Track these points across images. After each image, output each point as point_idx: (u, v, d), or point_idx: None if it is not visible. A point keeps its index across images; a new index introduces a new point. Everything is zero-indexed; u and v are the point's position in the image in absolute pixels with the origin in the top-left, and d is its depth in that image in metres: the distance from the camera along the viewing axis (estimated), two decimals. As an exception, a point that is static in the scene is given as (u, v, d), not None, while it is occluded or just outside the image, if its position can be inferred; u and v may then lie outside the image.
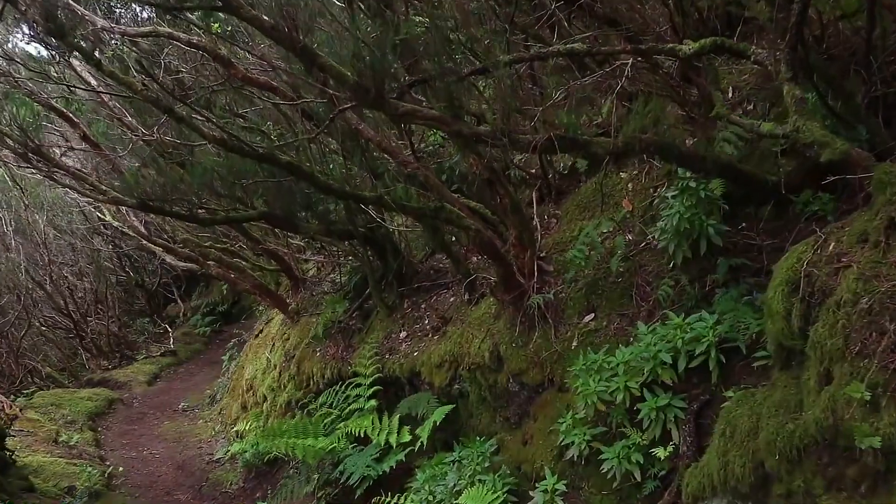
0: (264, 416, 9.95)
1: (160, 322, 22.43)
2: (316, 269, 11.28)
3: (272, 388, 10.07)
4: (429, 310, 8.01)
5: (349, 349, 8.73)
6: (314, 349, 9.26)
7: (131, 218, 11.98)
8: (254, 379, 11.00)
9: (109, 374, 17.27)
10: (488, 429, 6.24)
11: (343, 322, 9.12)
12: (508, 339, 5.80)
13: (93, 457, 11.26)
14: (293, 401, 9.24)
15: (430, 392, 6.93)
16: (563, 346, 5.39)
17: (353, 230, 8.22)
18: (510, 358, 5.73)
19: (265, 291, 10.41)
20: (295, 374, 9.42)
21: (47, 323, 17.23)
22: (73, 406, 13.74)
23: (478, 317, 6.43)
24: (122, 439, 12.94)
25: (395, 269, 8.45)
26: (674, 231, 4.88)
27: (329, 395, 8.12)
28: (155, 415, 14.69)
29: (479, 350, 6.06)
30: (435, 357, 6.75)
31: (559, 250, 6.10)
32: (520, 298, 5.74)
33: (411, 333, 7.86)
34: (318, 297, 10.29)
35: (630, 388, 4.48)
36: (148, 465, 11.51)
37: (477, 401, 6.36)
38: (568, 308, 5.60)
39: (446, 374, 6.61)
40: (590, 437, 4.67)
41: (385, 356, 7.77)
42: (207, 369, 17.27)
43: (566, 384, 5.25)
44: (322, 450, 7.05)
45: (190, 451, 11.93)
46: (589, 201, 6.52)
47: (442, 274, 8.50)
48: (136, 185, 7.32)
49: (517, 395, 5.76)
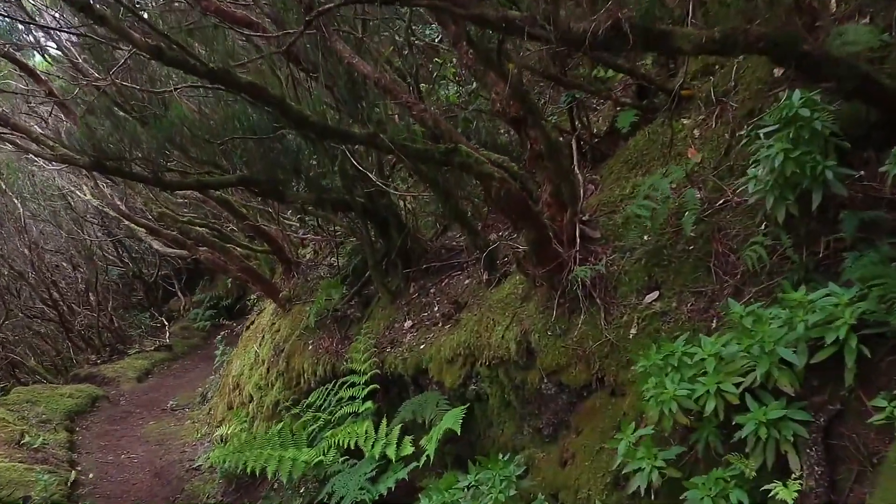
0: (249, 419, 8.62)
1: (158, 316, 21.26)
2: (313, 253, 9.94)
3: (259, 386, 8.74)
4: (439, 294, 6.66)
5: (345, 341, 7.39)
6: (306, 342, 7.93)
7: (109, 193, 10.68)
8: (240, 376, 9.68)
9: (97, 370, 16.08)
10: (513, 442, 4.87)
11: (339, 310, 7.78)
12: (542, 325, 4.43)
13: (61, 461, 9.98)
14: (281, 401, 7.90)
15: (439, 393, 5.58)
16: (618, 335, 4.01)
17: (349, 200, 6.88)
18: (544, 351, 4.35)
19: (253, 276, 9.07)
20: (284, 370, 8.08)
21: (31, 314, 15.98)
22: (51, 403, 12.50)
23: (500, 299, 5.06)
24: (100, 441, 11.69)
25: (400, 248, 7.09)
26: (775, 179, 3.51)
27: (319, 395, 6.78)
28: (140, 414, 13.46)
29: (502, 341, 4.70)
30: (446, 350, 5.40)
31: (607, 212, 4.72)
32: (557, 273, 4.37)
33: (418, 322, 6.50)
34: (314, 283, 8.95)
35: (725, 392, 3.09)
36: (123, 470, 10.23)
37: (499, 405, 4.99)
38: (622, 284, 4.22)
39: (460, 371, 5.24)
40: (663, 461, 3.28)
41: (385, 349, 6.42)
42: (203, 365, 16.00)
43: (623, 386, 3.88)
44: (306, 464, 5.70)
45: (171, 456, 10.65)
46: (641, 156, 5.13)
47: (455, 253, 7.14)
48: (89, 139, 6.03)
49: (553, 399, 4.39)
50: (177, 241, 10.80)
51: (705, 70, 5.27)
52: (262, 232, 9.01)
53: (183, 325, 20.81)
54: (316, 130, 3.97)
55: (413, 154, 4.08)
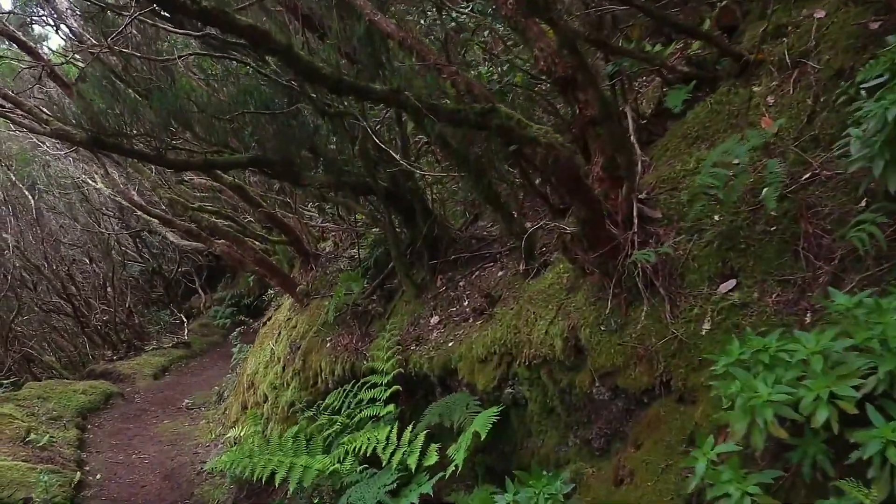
0: (263, 420, 8.05)
1: (177, 312, 20.87)
2: (333, 245, 9.36)
3: (274, 385, 8.17)
4: (468, 287, 6.05)
5: (366, 339, 6.79)
6: (323, 339, 7.34)
7: (122, 182, 10.18)
8: (255, 374, 9.12)
9: (113, 366, 15.67)
10: (556, 454, 4.24)
11: (360, 305, 7.19)
12: (594, 320, 3.79)
13: (68, 460, 9.50)
14: (296, 402, 7.32)
15: (469, 395, 4.96)
16: (687, 331, 3.37)
17: (371, 183, 6.28)
18: (596, 349, 3.72)
19: (269, 268, 8.50)
20: (300, 369, 7.51)
21: (46, 308, 15.57)
22: (63, 400, 12.06)
23: (541, 290, 4.43)
24: (111, 439, 11.21)
25: (426, 237, 6.48)
26: (886, 138, 2.88)
27: (337, 396, 6.19)
28: (155, 412, 12.99)
29: (545, 337, 4.07)
30: (478, 348, 4.78)
31: (667, 189, 4.07)
32: (611, 258, 3.73)
33: (445, 318, 5.90)
34: (333, 277, 8.38)
35: (840, 399, 2.45)
36: (133, 471, 9.73)
37: (539, 411, 4.36)
38: (690, 271, 3.57)
39: (494, 371, 4.62)
40: (756, 486, 2.64)
41: (410, 347, 5.82)
42: (222, 363, 15.53)
43: (694, 391, 3.24)
44: (320, 472, 5.11)
45: (183, 458, 10.13)
46: (703, 129, 4.47)
47: (485, 244, 6.53)
48: (85, 111, 5.49)
49: (606, 405, 3.75)
50: (191, 233, 10.29)
51: (776, 32, 4.62)
52: (279, 221, 8.44)
53: (202, 323, 20.40)
54: (329, 85, 3.37)
55: (444, 115, 3.46)
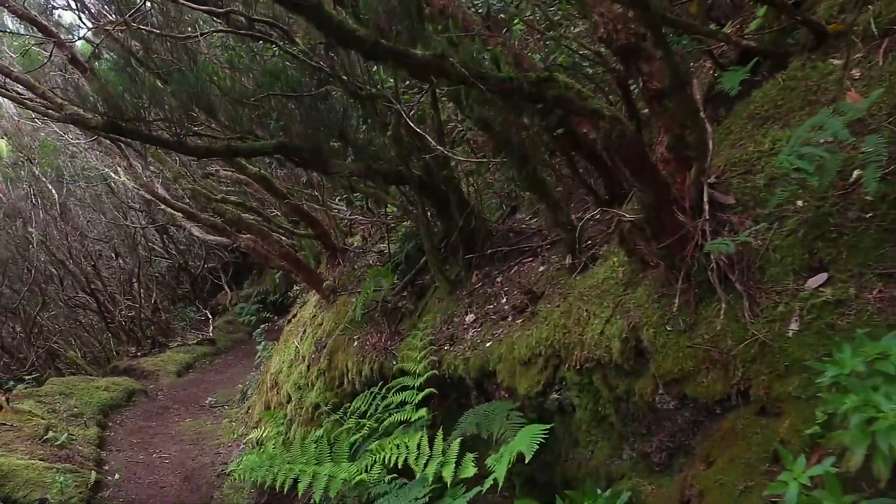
0: (287, 422, 7.68)
1: (202, 309, 20.65)
2: (361, 240, 8.98)
3: (298, 385, 7.80)
4: (507, 283, 5.62)
5: (395, 337, 6.40)
6: (350, 337, 6.95)
7: (146, 176, 9.89)
8: (279, 373, 8.76)
9: (136, 362, 15.46)
10: (608, 468, 3.80)
11: (389, 302, 6.79)
12: (658, 318, 3.34)
13: (87, 459, 9.21)
14: (321, 404, 6.94)
15: (510, 401, 4.53)
16: (771, 332, 2.91)
17: (404, 171, 5.88)
18: (661, 351, 3.27)
19: (294, 262, 8.13)
20: (325, 368, 7.12)
21: (70, 303, 15.37)
22: (85, 396, 11.82)
23: (594, 285, 3.99)
24: (132, 438, 10.94)
25: (462, 229, 6.07)
26: None
27: (364, 399, 5.79)
28: (178, 410, 12.71)
29: (600, 338, 3.62)
30: (521, 349, 4.34)
31: (739, 172, 3.61)
32: (678, 249, 3.28)
33: (482, 316, 5.47)
34: (361, 272, 7.99)
35: None
36: (153, 471, 9.42)
37: (590, 419, 3.91)
38: (772, 264, 3.11)
39: (539, 375, 4.18)
40: (870, 520, 2.20)
41: (443, 347, 5.40)
42: (247, 361, 15.23)
43: (780, 402, 2.79)
44: (345, 482, 4.70)
45: (205, 458, 9.80)
46: (774, 108, 4.00)
47: (524, 237, 6.09)
48: (101, 93, 5.14)
49: (671, 415, 3.30)
50: (215, 227, 9.97)
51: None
52: (306, 214, 8.07)
53: (228, 320, 20.15)
54: (364, 49, 2.97)
55: (494, 84, 3.04)
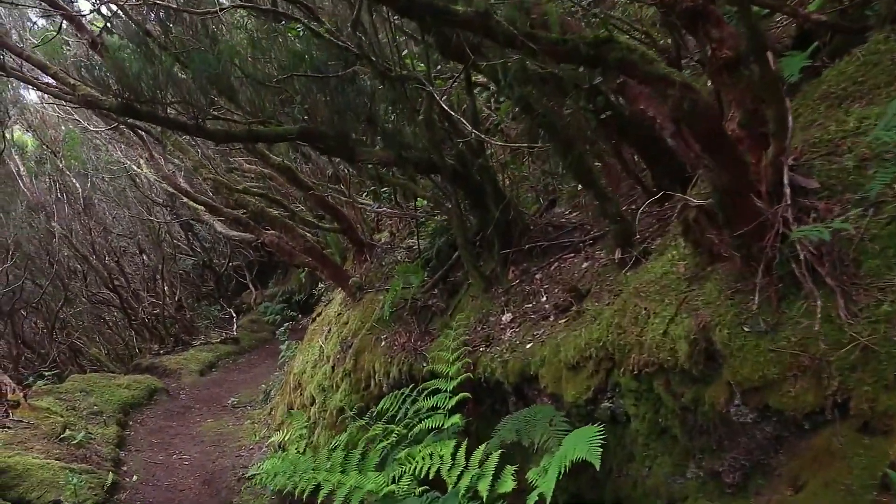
0: (310, 425, 7.32)
1: (226, 307, 20.44)
2: (389, 235, 8.60)
3: (322, 387, 7.43)
4: (547, 280, 5.21)
5: (426, 337, 6.00)
6: (378, 336, 6.58)
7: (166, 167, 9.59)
8: (302, 374, 8.40)
9: (159, 360, 15.23)
10: (668, 486, 3.36)
11: (419, 300, 6.41)
12: (733, 317, 2.91)
13: (104, 459, 8.93)
14: (347, 407, 6.56)
15: (553, 408, 4.12)
16: (875, 335, 2.48)
17: (436, 159, 5.48)
18: (738, 355, 2.84)
19: (319, 258, 7.76)
20: (351, 369, 6.75)
21: (93, 299, 15.18)
22: (105, 394, 11.57)
23: (652, 281, 3.56)
24: (152, 438, 10.66)
25: (497, 223, 5.66)
26: None
27: (392, 402, 5.40)
28: (199, 410, 12.44)
29: (663, 339, 3.19)
30: (567, 351, 3.92)
31: (823, 153, 3.17)
32: (756, 238, 2.85)
33: (520, 315, 5.06)
34: (389, 269, 7.61)
35: None
36: (172, 473, 9.12)
37: (648, 431, 3.48)
38: (869, 256, 2.67)
39: (588, 380, 3.76)
40: None
41: (478, 349, 5.00)
42: (270, 361, 14.96)
43: (889, 417, 2.35)
44: (372, 493, 4.31)
45: (225, 460, 9.49)
46: (854, 86, 3.56)
47: (564, 231, 5.68)
48: (115, 71, 4.81)
49: (748, 429, 2.86)
50: (239, 221, 9.66)
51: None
52: (331, 207, 7.70)
53: (252, 319, 19.90)
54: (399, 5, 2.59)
55: (546, 45, 2.63)
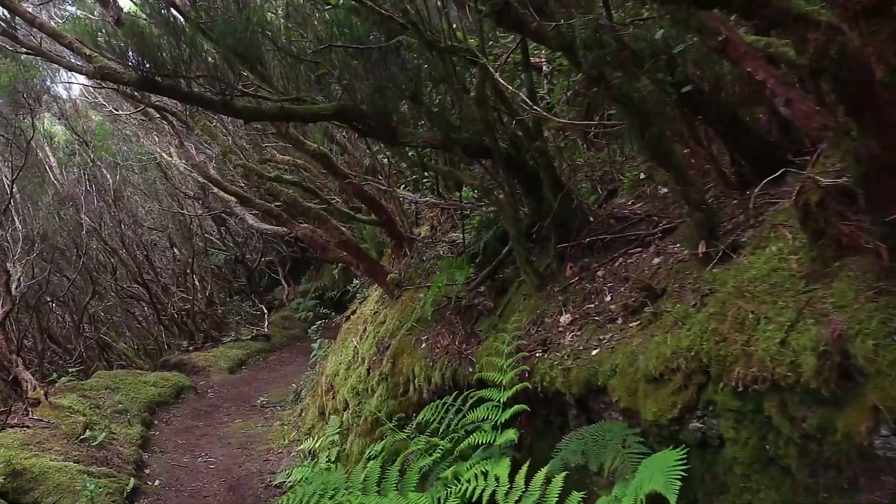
0: (342, 431, 6.81)
1: (258, 303, 20.09)
2: (430, 228, 8.05)
3: (356, 391, 6.91)
4: (610, 278, 4.63)
5: (471, 339, 5.45)
6: (418, 338, 6.04)
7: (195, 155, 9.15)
8: (335, 376, 7.89)
9: (188, 357, 14.90)
10: (778, 529, 2.78)
11: (464, 298, 5.87)
12: (878, 324, 2.31)
13: (126, 462, 8.51)
14: (383, 414, 6.03)
15: (624, 425, 3.54)
16: None
17: (488, 141, 4.93)
18: (888, 373, 2.25)
19: (354, 251, 7.24)
20: (388, 373, 6.22)
21: (122, 293, 14.86)
22: (132, 392, 11.20)
23: (756, 279, 2.96)
24: (178, 438, 10.25)
25: (555, 215, 5.08)
26: None
27: (434, 411, 4.86)
28: (228, 409, 12.04)
29: (779, 350, 2.59)
30: (648, 360, 3.33)
31: None
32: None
33: (581, 317, 4.48)
34: (430, 264, 7.08)
35: None
36: (196, 477, 8.67)
37: (750, 460, 2.88)
38: None
39: (675, 396, 3.17)
40: None
41: (535, 354, 4.43)
42: (302, 359, 14.52)
43: None
44: (414, 518, 3.77)
45: (252, 465, 9.03)
46: None
47: (629, 224, 5.09)
48: (132, 37, 4.33)
49: (892, 464, 2.27)
50: (271, 213, 9.20)
51: None
52: (369, 197, 7.17)
53: (284, 315, 19.54)
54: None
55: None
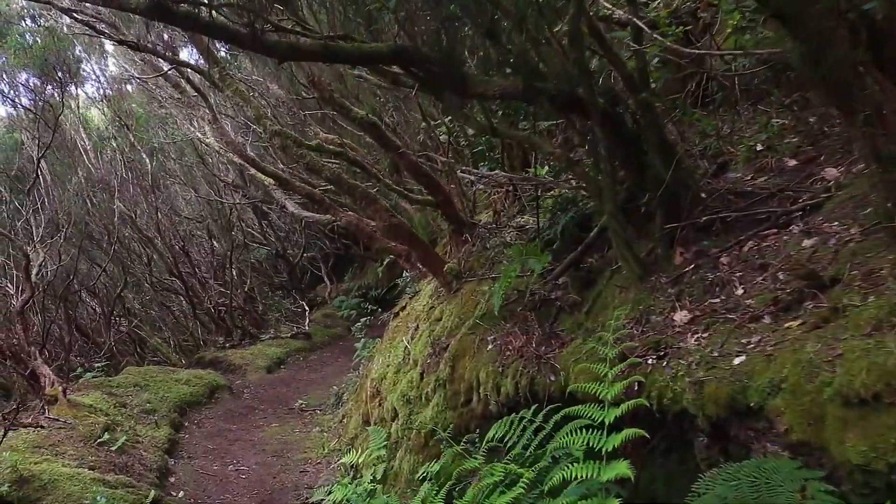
0: (391, 445, 5.84)
1: (299, 300, 19.28)
2: (493, 213, 7.03)
3: (407, 398, 5.93)
4: (739, 265, 3.59)
5: (551, 341, 4.43)
6: (483, 338, 5.03)
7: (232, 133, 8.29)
8: (382, 380, 6.92)
9: (224, 354, 14.09)
10: None
11: (538, 291, 4.86)
12: None
13: (148, 469, 7.66)
14: (440, 427, 5.05)
15: (796, 463, 2.50)
16: None
17: (582, 92, 3.91)
18: None
19: (406, 237, 6.23)
20: (446, 379, 5.23)
21: (158, 286, 14.14)
22: (162, 390, 10.39)
23: None
24: (208, 443, 9.39)
25: (666, 187, 4.04)
26: None
27: (508, 429, 3.85)
28: (264, 412, 11.15)
29: None
30: (853, 374, 2.29)
31: None
32: None
33: (705, 313, 3.44)
34: (496, 252, 6.08)
35: None
36: (225, 489, 7.79)
37: None
38: None
39: (893, 428, 2.14)
40: None
41: (646, 361, 3.40)
42: (344, 359, 13.62)
43: None
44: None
45: (288, 476, 8.12)
46: None
47: (757, 200, 4.02)
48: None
49: None
50: (313, 198, 8.31)
51: None
52: (425, 174, 6.16)
53: (326, 313, 18.70)
54: None
55: None
